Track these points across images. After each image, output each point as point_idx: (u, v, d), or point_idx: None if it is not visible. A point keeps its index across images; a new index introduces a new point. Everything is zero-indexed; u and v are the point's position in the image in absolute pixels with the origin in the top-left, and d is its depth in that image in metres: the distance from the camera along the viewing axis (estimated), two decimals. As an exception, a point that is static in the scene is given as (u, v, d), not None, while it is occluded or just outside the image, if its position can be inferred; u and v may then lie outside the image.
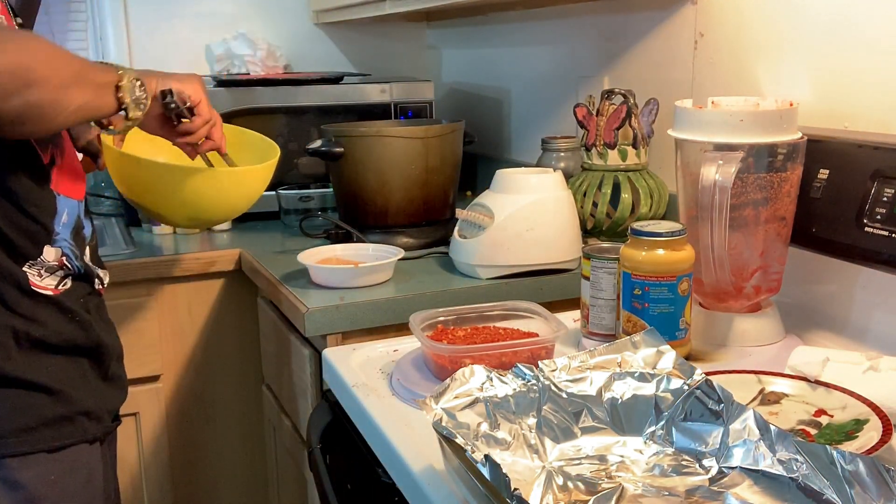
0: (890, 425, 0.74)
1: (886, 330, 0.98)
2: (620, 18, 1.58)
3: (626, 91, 1.40)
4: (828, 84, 1.10)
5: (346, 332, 1.22)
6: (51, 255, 1.02)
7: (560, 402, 0.76)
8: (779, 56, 1.18)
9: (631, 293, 0.95)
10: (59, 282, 1.03)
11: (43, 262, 1.01)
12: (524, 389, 0.76)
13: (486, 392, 0.75)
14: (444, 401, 0.73)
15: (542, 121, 1.89)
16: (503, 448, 0.72)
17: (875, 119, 1.04)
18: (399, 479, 0.81)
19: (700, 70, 1.36)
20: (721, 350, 1.00)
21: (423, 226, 1.53)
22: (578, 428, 0.75)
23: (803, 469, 0.64)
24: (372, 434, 0.88)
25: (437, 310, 1.03)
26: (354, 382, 0.97)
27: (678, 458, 0.71)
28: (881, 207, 0.95)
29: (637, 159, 1.41)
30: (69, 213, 1.06)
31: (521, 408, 0.75)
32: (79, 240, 1.07)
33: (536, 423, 0.75)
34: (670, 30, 1.43)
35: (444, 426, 0.69)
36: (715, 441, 0.70)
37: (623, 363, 0.79)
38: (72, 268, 1.05)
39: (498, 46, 2.08)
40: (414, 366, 0.97)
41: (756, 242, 1.00)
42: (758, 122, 0.97)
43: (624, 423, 0.75)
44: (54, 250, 1.02)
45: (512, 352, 0.93)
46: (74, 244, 1.06)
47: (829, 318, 1.05)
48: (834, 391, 0.81)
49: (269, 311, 1.52)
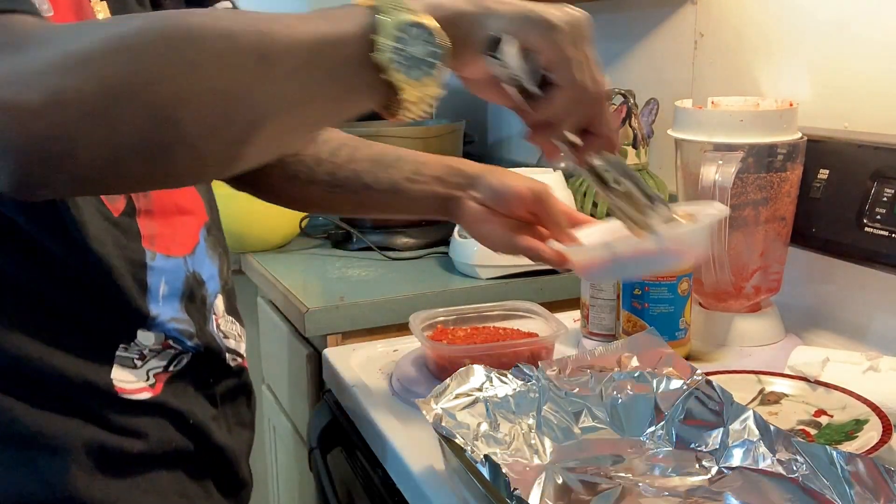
0: (890, 425, 0.74)
1: (886, 330, 0.98)
2: (620, 18, 1.58)
3: (626, 91, 1.40)
4: (828, 84, 1.10)
5: (346, 332, 1.22)
6: (149, 340, 0.70)
7: (560, 402, 0.76)
8: (779, 56, 1.18)
9: (631, 293, 0.95)
10: (171, 363, 0.72)
11: (140, 344, 0.70)
12: (524, 389, 0.76)
13: (485, 392, 0.75)
14: (443, 401, 0.73)
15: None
16: (503, 448, 0.72)
17: (875, 119, 1.04)
18: (399, 479, 0.81)
19: (700, 70, 1.36)
20: (721, 350, 1.00)
21: (422, 226, 1.53)
22: (578, 428, 0.75)
23: (803, 469, 0.64)
24: (372, 434, 0.88)
25: (437, 310, 1.03)
26: (354, 382, 0.97)
27: (678, 457, 0.71)
28: (881, 207, 0.95)
29: (637, 159, 1.41)
30: (170, 279, 0.71)
31: (521, 408, 0.75)
32: (195, 307, 0.74)
33: (536, 422, 0.75)
34: (670, 30, 1.43)
35: (444, 426, 0.69)
36: (715, 441, 0.70)
37: (622, 363, 0.79)
38: (185, 349, 0.73)
39: (498, 46, 2.07)
40: (414, 366, 0.97)
41: (756, 242, 1.00)
42: (758, 122, 0.97)
43: (624, 424, 0.75)
44: (153, 335, 0.70)
45: (512, 352, 0.92)
46: (188, 315, 0.73)
47: (829, 318, 1.05)
48: (834, 391, 0.81)
49: (269, 311, 1.52)
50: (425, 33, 0.55)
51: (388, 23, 0.54)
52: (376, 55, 0.54)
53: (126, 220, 0.68)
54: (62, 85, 0.48)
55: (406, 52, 0.55)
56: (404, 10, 0.55)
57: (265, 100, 0.52)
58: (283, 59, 0.52)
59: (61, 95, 0.48)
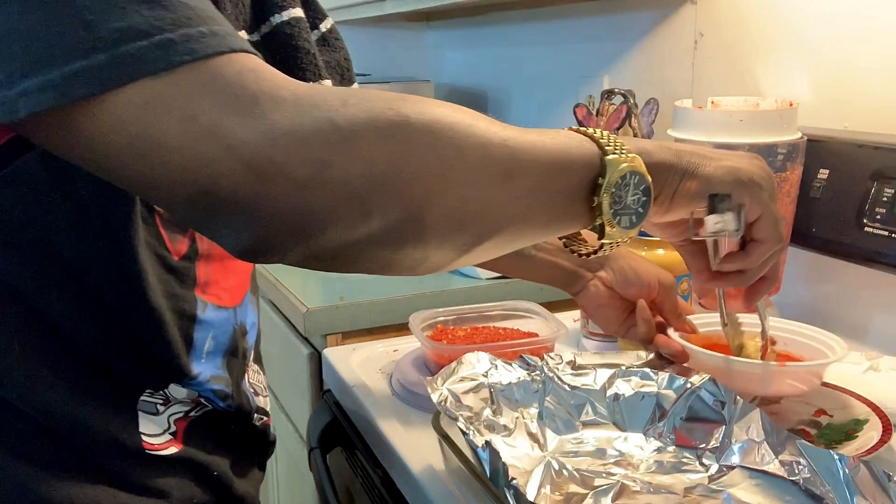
0: (890, 425, 0.74)
1: (886, 330, 0.98)
2: (620, 18, 1.58)
3: (626, 91, 1.39)
4: (828, 84, 1.10)
5: (346, 332, 1.22)
6: (181, 394, 0.66)
7: (563, 395, 0.76)
8: (779, 56, 1.18)
9: (631, 293, 0.95)
10: (192, 409, 0.67)
11: (167, 395, 0.65)
12: (528, 379, 0.76)
13: (490, 378, 0.75)
14: (449, 382, 0.74)
15: (542, 121, 1.89)
16: (504, 434, 0.72)
17: (875, 119, 1.04)
18: (399, 479, 0.81)
19: (700, 70, 1.36)
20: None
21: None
22: (580, 421, 0.76)
23: (805, 472, 0.64)
24: (372, 434, 0.88)
25: (437, 310, 1.03)
26: (354, 382, 0.97)
27: (678, 455, 0.71)
28: (881, 207, 0.95)
29: (637, 159, 1.41)
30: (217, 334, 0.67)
31: (524, 397, 0.76)
32: (236, 362, 0.70)
33: (538, 412, 0.75)
34: (670, 30, 1.43)
35: (447, 407, 0.69)
36: (716, 439, 0.70)
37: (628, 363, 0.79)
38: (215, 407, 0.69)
39: (498, 46, 2.08)
40: (414, 366, 0.97)
41: (756, 242, 1.00)
42: (757, 121, 0.97)
43: (626, 419, 0.75)
44: (186, 391, 0.66)
45: (511, 352, 0.92)
46: (227, 373, 0.69)
47: (829, 318, 1.05)
48: (834, 391, 0.81)
49: (269, 310, 1.52)
50: (642, 182, 0.57)
51: (614, 166, 0.55)
52: (599, 195, 0.55)
53: (185, 264, 0.64)
54: (330, 160, 0.45)
55: (621, 198, 0.56)
56: (624, 152, 0.56)
57: (500, 214, 0.52)
58: (525, 177, 0.52)
59: (328, 172, 0.45)
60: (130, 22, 0.44)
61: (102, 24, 0.43)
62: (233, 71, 0.45)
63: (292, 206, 0.45)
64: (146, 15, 0.44)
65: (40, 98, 0.43)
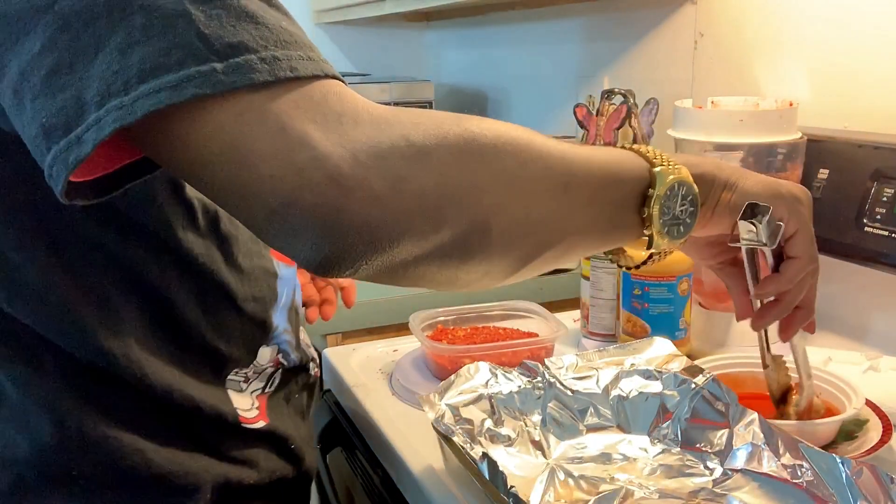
0: (890, 425, 0.74)
1: (886, 330, 0.98)
2: (620, 18, 1.58)
3: (626, 91, 1.39)
4: (828, 84, 1.10)
5: (346, 332, 1.22)
6: (266, 357, 0.73)
7: (565, 400, 0.76)
8: (779, 56, 1.18)
9: (631, 293, 0.95)
10: (267, 384, 0.74)
11: (254, 365, 0.72)
12: (529, 386, 0.76)
13: (490, 389, 0.75)
14: (448, 397, 0.73)
15: (542, 121, 1.89)
16: (507, 444, 0.72)
17: (875, 119, 1.04)
18: (399, 479, 0.81)
19: (700, 70, 1.36)
20: (721, 350, 1.00)
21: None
22: (584, 425, 0.75)
23: (808, 475, 0.63)
24: (372, 434, 0.88)
25: (437, 310, 1.03)
26: (354, 382, 0.97)
27: (683, 458, 0.71)
28: (881, 207, 0.95)
29: (637, 159, 1.41)
30: (287, 288, 0.75)
31: (525, 405, 0.75)
32: (294, 318, 0.78)
33: (541, 420, 0.75)
34: (670, 30, 1.43)
35: (444, 423, 0.69)
36: (720, 442, 0.69)
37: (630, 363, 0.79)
38: (287, 363, 0.76)
39: (498, 46, 2.08)
40: (414, 366, 0.97)
41: (756, 242, 1.00)
42: (757, 121, 0.97)
43: (630, 421, 0.75)
44: (270, 350, 0.73)
45: (511, 352, 0.92)
46: (290, 328, 0.76)
47: (829, 318, 1.05)
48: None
49: (269, 311, 1.52)
50: (689, 193, 0.60)
51: (663, 177, 0.59)
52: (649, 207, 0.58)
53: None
54: (405, 174, 0.47)
55: (670, 208, 0.59)
56: (671, 164, 0.60)
57: (559, 225, 0.55)
58: (581, 188, 0.56)
59: (404, 184, 0.47)
60: (241, 38, 0.47)
61: (217, 39, 0.46)
62: (322, 91, 0.48)
63: (369, 217, 0.46)
64: (253, 34, 0.48)
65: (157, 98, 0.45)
